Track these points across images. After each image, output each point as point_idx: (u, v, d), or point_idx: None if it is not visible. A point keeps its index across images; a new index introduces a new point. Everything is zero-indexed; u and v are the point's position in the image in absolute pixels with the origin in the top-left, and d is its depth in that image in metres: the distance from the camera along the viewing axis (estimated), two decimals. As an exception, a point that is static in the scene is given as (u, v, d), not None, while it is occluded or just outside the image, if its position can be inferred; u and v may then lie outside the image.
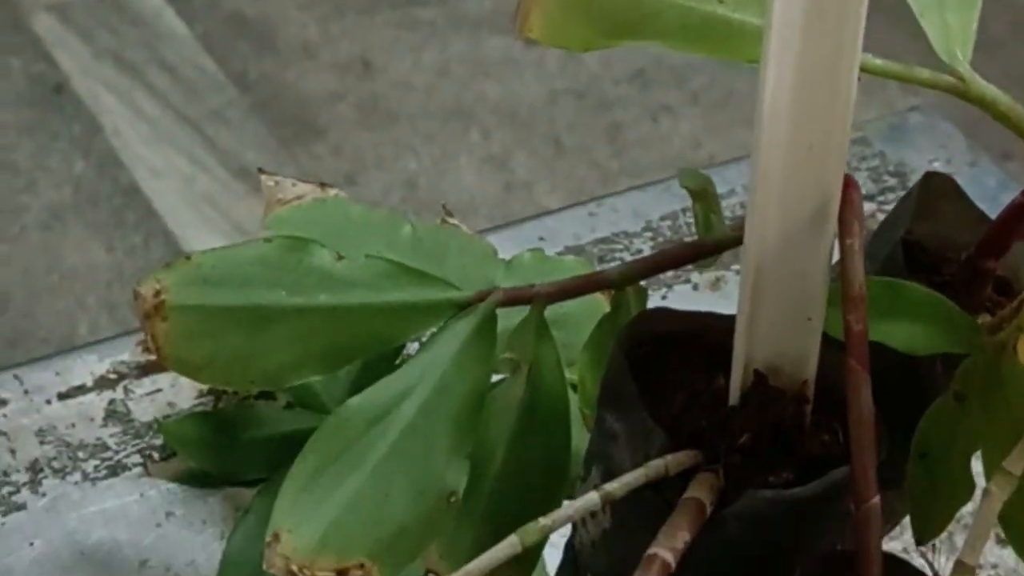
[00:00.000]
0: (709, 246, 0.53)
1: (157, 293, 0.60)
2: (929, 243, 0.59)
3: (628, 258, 0.83)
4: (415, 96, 2.20)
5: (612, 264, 0.79)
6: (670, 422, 0.51)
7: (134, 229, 1.89)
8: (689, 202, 0.59)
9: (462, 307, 0.60)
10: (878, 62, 0.53)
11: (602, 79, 2.22)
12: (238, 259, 0.61)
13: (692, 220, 0.89)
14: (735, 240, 0.51)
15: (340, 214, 0.70)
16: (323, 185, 0.72)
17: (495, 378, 0.59)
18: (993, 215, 0.55)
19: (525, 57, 2.18)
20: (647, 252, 0.83)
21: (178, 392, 0.74)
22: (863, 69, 0.48)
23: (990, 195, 0.83)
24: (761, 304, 0.50)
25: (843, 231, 0.47)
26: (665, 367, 0.54)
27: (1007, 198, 0.54)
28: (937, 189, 0.59)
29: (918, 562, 0.56)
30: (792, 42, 0.45)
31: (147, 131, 2.13)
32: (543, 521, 0.49)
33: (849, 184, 0.47)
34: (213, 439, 0.71)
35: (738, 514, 0.49)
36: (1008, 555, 0.75)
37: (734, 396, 0.52)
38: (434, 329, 0.59)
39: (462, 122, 2.17)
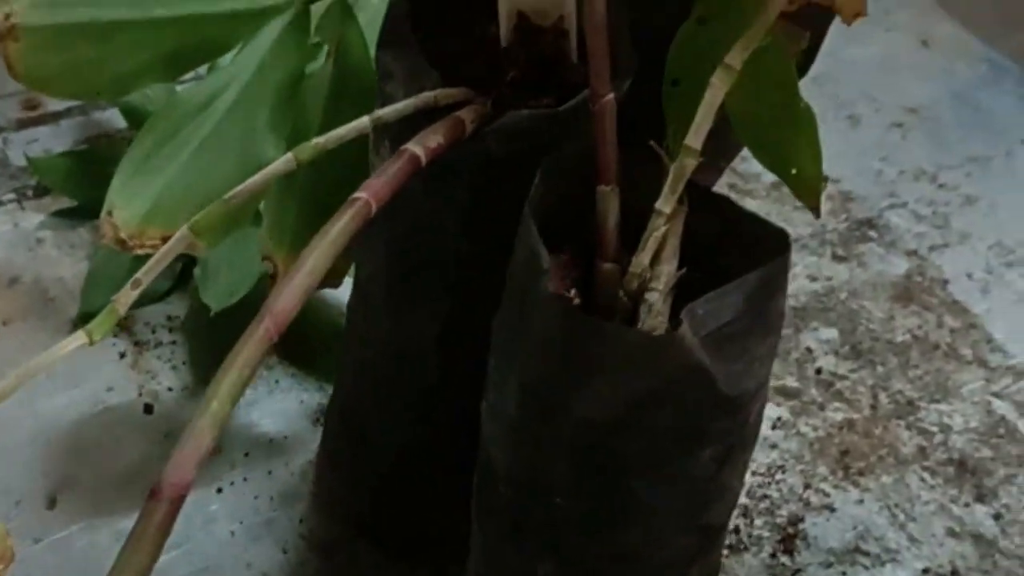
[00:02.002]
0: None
1: (8, 16, 0.64)
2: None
3: None
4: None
5: None
6: (447, 65, 0.56)
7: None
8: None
9: (285, 9, 0.64)
10: None
11: None
12: (83, -19, 0.65)
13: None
14: None
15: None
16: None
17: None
18: None
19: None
20: None
21: (55, 143, 0.78)
22: None
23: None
24: (514, -57, 0.54)
25: None
26: (446, 20, 0.58)
27: None
28: None
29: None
30: None
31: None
32: (316, 140, 0.53)
33: None
34: (83, 174, 0.76)
35: (497, 130, 0.53)
36: (842, 269, 0.80)
37: (504, 39, 0.56)
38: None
39: None
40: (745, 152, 0.86)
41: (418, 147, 0.51)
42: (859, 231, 0.83)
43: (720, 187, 0.77)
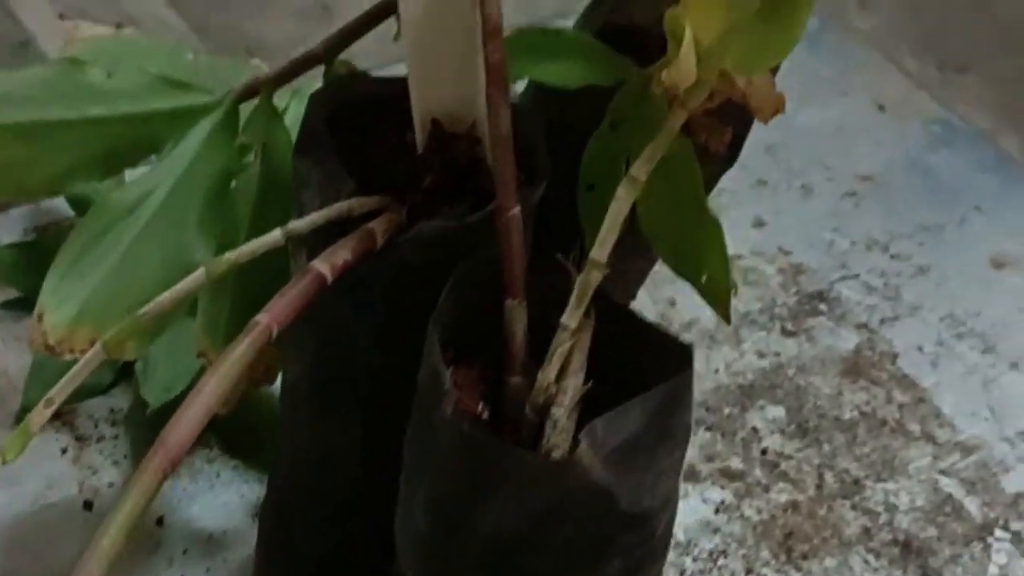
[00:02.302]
0: (385, 6, 0.58)
1: (-58, 117, 0.65)
2: (639, 23, 0.63)
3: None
4: (370, 36, 2.25)
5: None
6: (365, 173, 0.56)
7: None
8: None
9: (216, 108, 0.64)
10: None
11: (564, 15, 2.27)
12: (20, 81, 0.66)
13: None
14: (405, -3, 0.55)
15: (129, 46, 0.75)
16: (118, 26, 0.78)
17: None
18: None
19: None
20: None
21: (4, 233, 0.79)
22: None
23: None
24: (422, 55, 0.54)
25: (478, -28, 0.52)
26: (366, 128, 0.58)
27: None
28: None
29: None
30: None
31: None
32: (228, 256, 0.54)
33: (481, -74, 0.52)
34: (28, 264, 0.76)
35: (410, 240, 0.53)
36: (791, 345, 0.80)
37: (420, 145, 0.57)
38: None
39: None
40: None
41: (324, 264, 0.51)
42: (809, 304, 0.83)
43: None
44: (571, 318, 0.50)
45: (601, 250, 0.50)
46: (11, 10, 2.41)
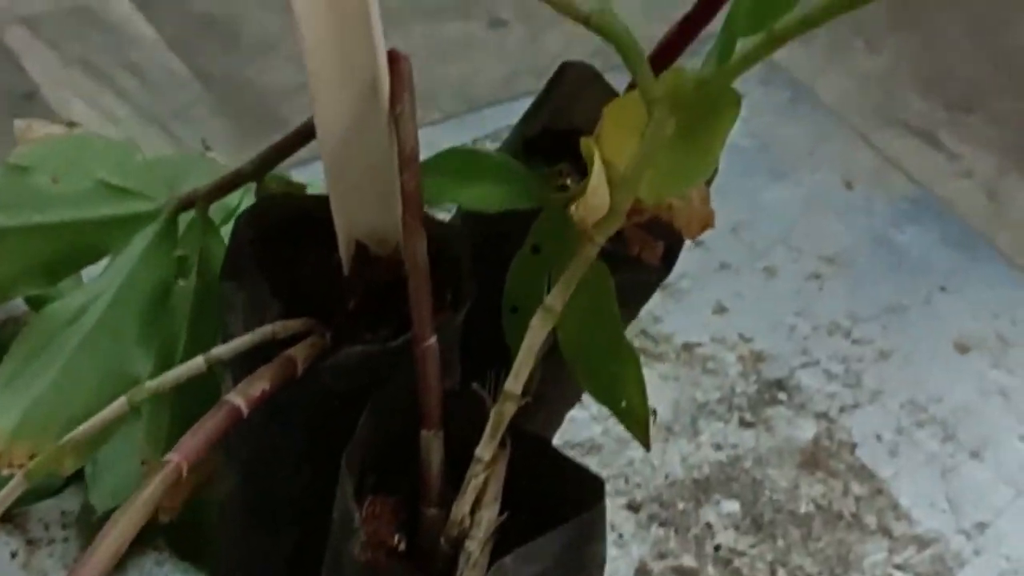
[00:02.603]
0: (308, 130, 0.58)
1: None
2: (579, 127, 0.64)
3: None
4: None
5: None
6: (296, 291, 0.56)
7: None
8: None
9: (157, 216, 0.65)
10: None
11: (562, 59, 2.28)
12: (-37, 189, 0.67)
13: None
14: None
15: (80, 146, 0.75)
16: (71, 124, 0.78)
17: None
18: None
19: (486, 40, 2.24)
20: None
21: (-39, 329, 0.79)
22: None
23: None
24: (342, 181, 0.54)
25: (393, 101, 0.52)
26: (299, 245, 0.58)
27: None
28: (576, 78, 0.63)
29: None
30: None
31: (114, 132, 2.19)
32: (148, 384, 0.54)
33: (396, 58, 0.52)
34: (-19, 365, 0.77)
35: (331, 366, 0.54)
36: (748, 436, 0.80)
37: (345, 267, 0.57)
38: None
39: (424, 105, 2.22)
40: (658, 312, 0.86)
41: (239, 397, 0.52)
42: (768, 393, 0.83)
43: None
44: (485, 450, 0.50)
45: (516, 381, 0.50)
46: (16, 60, 2.43)
